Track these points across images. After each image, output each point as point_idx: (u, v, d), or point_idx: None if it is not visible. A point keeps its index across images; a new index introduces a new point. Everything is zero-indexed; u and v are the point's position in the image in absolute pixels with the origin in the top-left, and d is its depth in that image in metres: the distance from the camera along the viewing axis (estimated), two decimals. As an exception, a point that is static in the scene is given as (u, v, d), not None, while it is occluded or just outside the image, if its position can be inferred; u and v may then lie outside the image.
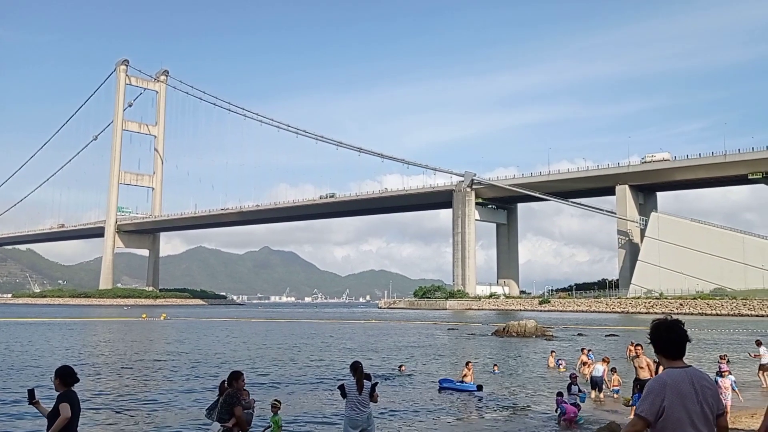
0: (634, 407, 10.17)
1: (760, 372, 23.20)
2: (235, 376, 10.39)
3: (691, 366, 4.67)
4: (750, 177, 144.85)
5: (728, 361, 20.75)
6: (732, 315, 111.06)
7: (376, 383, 11.37)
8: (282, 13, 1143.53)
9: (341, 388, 11.03)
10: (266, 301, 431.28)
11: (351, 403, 10.74)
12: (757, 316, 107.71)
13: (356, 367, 10.96)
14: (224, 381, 10.92)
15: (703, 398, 4.51)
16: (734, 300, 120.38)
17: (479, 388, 22.29)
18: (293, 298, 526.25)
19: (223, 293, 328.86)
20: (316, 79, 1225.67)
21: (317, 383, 24.53)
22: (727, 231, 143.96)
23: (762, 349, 23.18)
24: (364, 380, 10.91)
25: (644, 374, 15.00)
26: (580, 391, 17.72)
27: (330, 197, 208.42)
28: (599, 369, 20.37)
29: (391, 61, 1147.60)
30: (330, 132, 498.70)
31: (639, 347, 15.87)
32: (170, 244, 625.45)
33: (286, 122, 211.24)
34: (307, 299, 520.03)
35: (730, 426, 14.70)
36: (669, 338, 4.69)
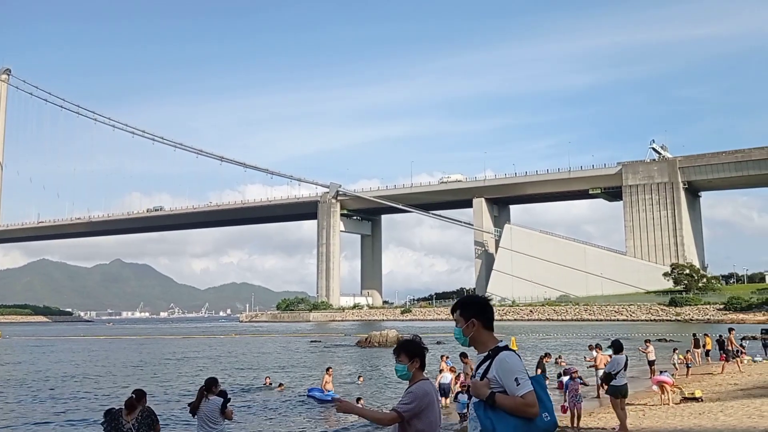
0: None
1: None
2: (139, 396, 9.68)
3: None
4: (590, 192, 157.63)
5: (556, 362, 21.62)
6: (575, 320, 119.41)
7: (228, 400, 10.90)
8: (137, 8, 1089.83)
9: (190, 405, 10.82)
10: (117, 318, 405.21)
11: (200, 421, 10.64)
12: (596, 320, 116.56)
13: (207, 384, 10.77)
14: (132, 396, 9.92)
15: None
16: (577, 306, 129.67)
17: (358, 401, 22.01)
18: (147, 314, 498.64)
19: (69, 309, 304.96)
20: (175, 84, 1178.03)
21: (164, 402, 22.82)
22: (571, 242, 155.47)
23: (594, 352, 24.41)
24: (215, 396, 10.68)
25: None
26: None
27: (156, 210, 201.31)
28: (447, 377, 20.77)
29: (255, 70, 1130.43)
30: (189, 140, 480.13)
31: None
32: (9, 257, 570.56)
33: (142, 128, 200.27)
34: (163, 314, 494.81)
35: (579, 425, 15.24)
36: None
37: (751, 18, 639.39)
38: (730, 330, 30.86)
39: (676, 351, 28.69)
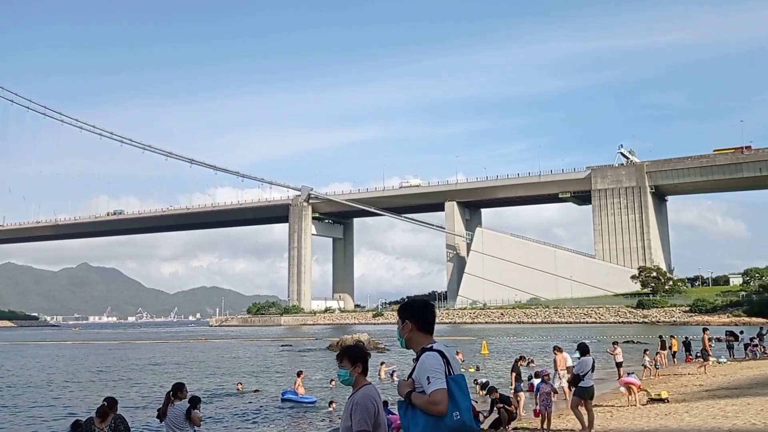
0: None
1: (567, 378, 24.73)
2: (111, 403, 9.69)
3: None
4: (560, 196, 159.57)
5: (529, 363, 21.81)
6: (545, 322, 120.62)
7: (194, 405, 10.80)
8: (103, 8, 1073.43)
9: (159, 411, 10.98)
10: (84, 322, 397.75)
11: (167, 427, 10.69)
12: (566, 323, 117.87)
13: (174, 389, 10.84)
14: (104, 404, 9.93)
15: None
16: (547, 309, 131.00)
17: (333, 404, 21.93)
18: (115, 318, 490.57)
19: (35, 314, 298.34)
20: (144, 85, 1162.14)
21: (132, 409, 22.40)
22: (542, 245, 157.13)
23: (560, 355, 24.67)
24: (180, 402, 10.70)
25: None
26: None
27: (117, 213, 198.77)
28: None
29: (225, 72, 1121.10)
30: (158, 141, 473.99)
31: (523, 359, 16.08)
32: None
33: (110, 129, 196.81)
34: (131, 319, 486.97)
35: (550, 427, 15.36)
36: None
37: (713, 27, 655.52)
38: (705, 330, 31.32)
39: (647, 352, 29.14)
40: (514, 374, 19.62)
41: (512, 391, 18.57)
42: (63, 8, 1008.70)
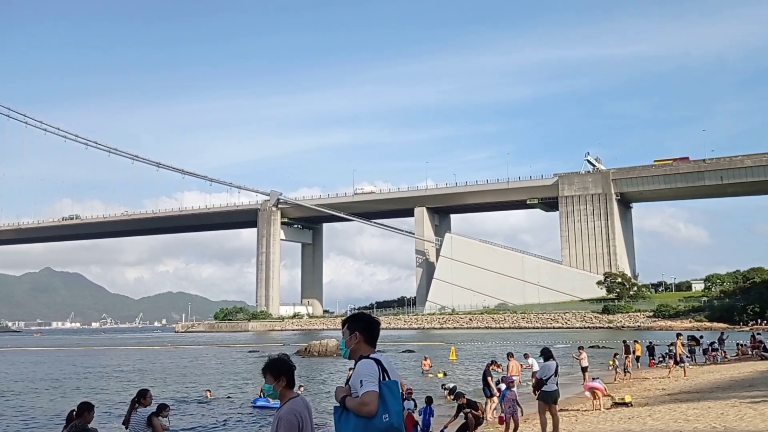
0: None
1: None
2: (87, 408, 9.58)
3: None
4: (528, 202, 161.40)
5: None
6: (513, 328, 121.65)
7: (159, 413, 10.69)
8: (68, 10, 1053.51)
9: (124, 418, 10.93)
10: (47, 328, 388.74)
11: None
12: (533, 328, 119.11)
13: (138, 395, 10.80)
14: (73, 411, 9.88)
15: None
16: (515, 314, 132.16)
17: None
18: (78, 324, 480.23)
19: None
20: (110, 88, 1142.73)
21: (96, 417, 21.91)
22: (510, 251, 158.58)
23: (531, 359, 24.95)
24: (144, 408, 10.64)
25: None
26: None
27: (72, 218, 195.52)
28: None
29: (192, 76, 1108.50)
30: (124, 145, 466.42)
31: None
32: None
33: (75, 132, 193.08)
34: (95, 325, 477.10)
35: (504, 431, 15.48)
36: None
37: (676, 40, 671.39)
38: (678, 335, 31.82)
39: (617, 356, 29.54)
40: (489, 378, 19.73)
41: (495, 394, 18.52)
42: (25, 10, 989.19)
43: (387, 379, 4.70)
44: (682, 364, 29.73)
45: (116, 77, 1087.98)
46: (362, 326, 4.98)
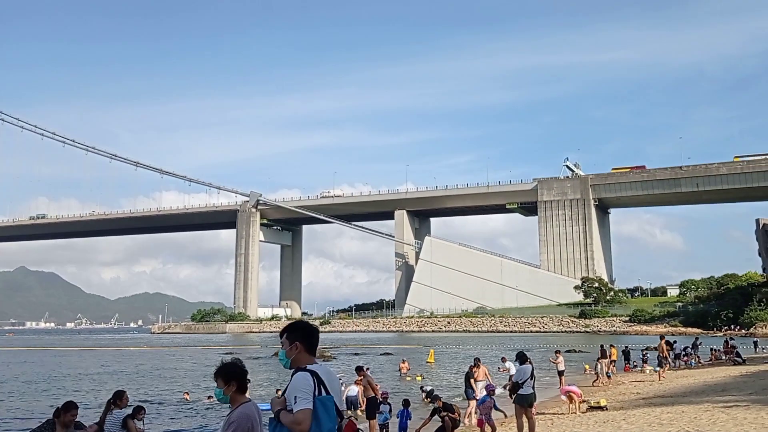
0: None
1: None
2: (66, 407, 9.36)
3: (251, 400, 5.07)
4: (507, 206, 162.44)
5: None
6: (491, 331, 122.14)
7: (135, 415, 10.59)
8: (46, 5, 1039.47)
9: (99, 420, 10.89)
10: (20, 328, 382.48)
11: None
12: (511, 331, 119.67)
13: (114, 397, 10.80)
14: (58, 408, 9.58)
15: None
16: (493, 318, 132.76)
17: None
18: (53, 324, 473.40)
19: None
20: (88, 85, 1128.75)
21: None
22: (489, 255, 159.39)
23: (508, 363, 25.11)
24: (119, 410, 10.64)
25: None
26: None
27: (39, 218, 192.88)
28: (354, 389, 20.68)
29: (172, 74, 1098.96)
30: (102, 143, 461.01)
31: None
32: None
33: (52, 130, 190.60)
34: (70, 325, 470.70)
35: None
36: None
37: (652, 49, 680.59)
38: (662, 338, 32.14)
39: (599, 360, 29.78)
40: (472, 380, 19.80)
41: (476, 397, 18.57)
42: (4, 4, 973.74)
43: (323, 392, 4.63)
44: (665, 364, 30.22)
45: (95, 75, 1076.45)
46: (301, 335, 4.91)
